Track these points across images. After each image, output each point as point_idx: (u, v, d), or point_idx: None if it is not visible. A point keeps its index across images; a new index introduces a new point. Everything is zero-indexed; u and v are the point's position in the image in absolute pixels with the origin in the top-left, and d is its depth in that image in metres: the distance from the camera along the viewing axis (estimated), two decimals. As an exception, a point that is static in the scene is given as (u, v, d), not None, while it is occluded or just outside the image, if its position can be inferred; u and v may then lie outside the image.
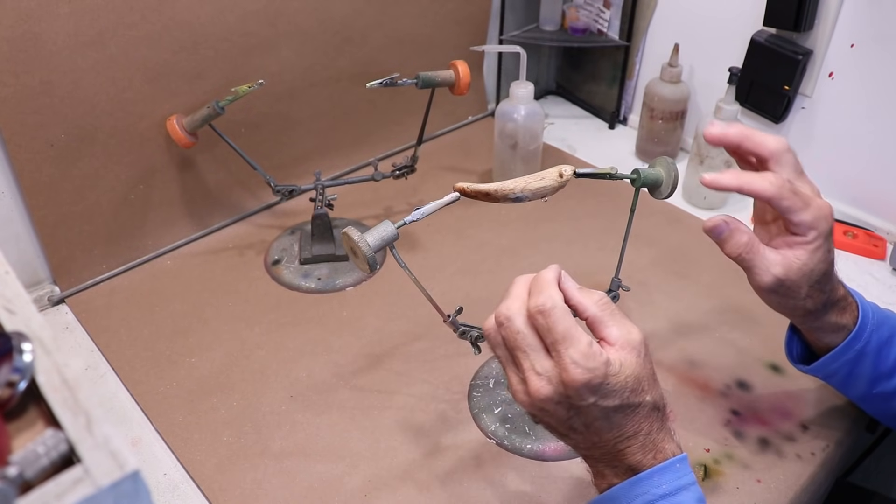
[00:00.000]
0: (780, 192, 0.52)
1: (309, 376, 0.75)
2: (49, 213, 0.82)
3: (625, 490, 0.48)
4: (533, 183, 0.57)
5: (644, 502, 0.47)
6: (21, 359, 0.33)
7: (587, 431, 0.48)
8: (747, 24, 0.97)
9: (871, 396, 0.64)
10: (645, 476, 0.48)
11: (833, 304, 0.58)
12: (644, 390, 0.48)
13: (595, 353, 0.46)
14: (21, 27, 0.72)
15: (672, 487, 0.47)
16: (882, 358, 0.61)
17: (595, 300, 0.50)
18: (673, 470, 0.48)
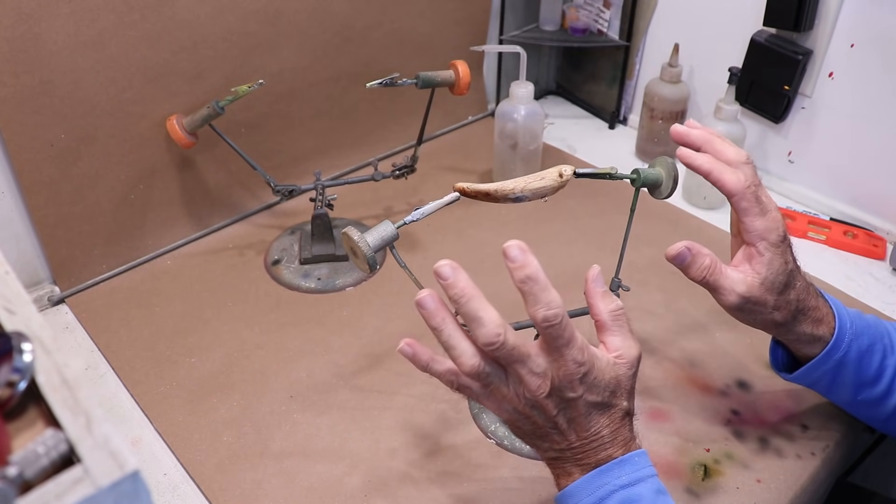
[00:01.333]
0: (743, 192, 0.55)
1: (309, 376, 0.75)
2: (49, 213, 0.82)
3: (586, 482, 0.50)
4: (533, 183, 0.57)
5: (605, 493, 0.49)
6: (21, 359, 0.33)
7: (568, 428, 0.50)
8: (747, 24, 0.97)
9: (856, 403, 0.64)
10: (605, 469, 0.50)
11: (804, 314, 0.59)
12: (622, 396, 0.50)
13: (586, 346, 0.48)
14: (21, 27, 0.72)
15: (631, 479, 0.49)
16: (864, 366, 0.61)
17: (611, 309, 0.52)
18: (632, 463, 0.50)
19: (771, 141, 1.04)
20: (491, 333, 0.46)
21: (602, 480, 0.49)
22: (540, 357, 0.48)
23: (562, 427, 0.50)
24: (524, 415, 0.50)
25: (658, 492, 0.50)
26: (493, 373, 0.49)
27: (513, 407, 0.50)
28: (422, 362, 0.52)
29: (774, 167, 1.05)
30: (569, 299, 0.85)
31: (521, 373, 0.48)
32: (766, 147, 1.05)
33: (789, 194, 1.04)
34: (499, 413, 0.51)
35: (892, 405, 0.62)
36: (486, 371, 0.48)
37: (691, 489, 0.64)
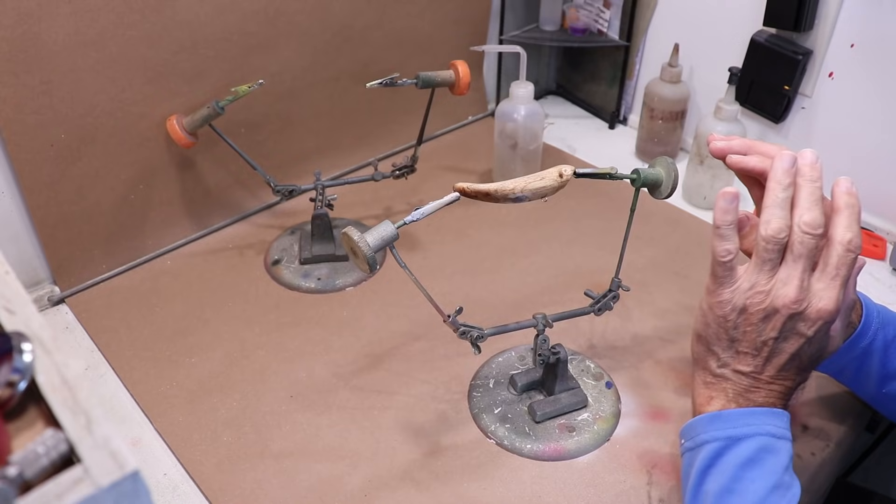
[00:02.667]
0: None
1: (309, 376, 0.75)
2: (49, 213, 0.82)
3: (740, 415, 0.52)
4: (533, 183, 0.57)
5: (752, 431, 0.51)
6: (21, 359, 0.33)
7: (767, 360, 0.52)
8: (747, 24, 0.97)
9: (881, 396, 0.65)
10: (761, 411, 0.52)
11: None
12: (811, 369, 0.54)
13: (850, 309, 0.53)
14: (21, 27, 0.72)
15: (779, 431, 0.52)
16: (889, 356, 0.62)
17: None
18: (783, 418, 0.53)
19: (771, 141, 1.04)
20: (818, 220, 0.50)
21: (753, 420, 0.51)
22: (820, 281, 0.50)
23: (763, 353, 0.52)
24: (749, 319, 0.51)
25: (791, 458, 0.52)
26: (776, 257, 0.51)
27: (747, 302, 0.51)
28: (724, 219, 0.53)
29: (774, 167, 1.05)
30: (569, 299, 0.85)
31: (796, 274, 0.50)
32: (766, 147, 1.05)
33: (789, 194, 1.04)
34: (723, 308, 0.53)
35: None
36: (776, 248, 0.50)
37: (691, 489, 0.64)
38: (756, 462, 0.50)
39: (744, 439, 0.51)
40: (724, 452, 0.51)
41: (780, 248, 0.51)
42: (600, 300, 0.68)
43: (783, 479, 0.50)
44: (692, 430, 0.55)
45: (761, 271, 0.51)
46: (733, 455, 0.51)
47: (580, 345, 0.79)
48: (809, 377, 0.54)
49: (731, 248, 0.52)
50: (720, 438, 0.52)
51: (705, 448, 0.53)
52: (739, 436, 0.51)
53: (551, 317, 0.68)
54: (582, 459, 0.67)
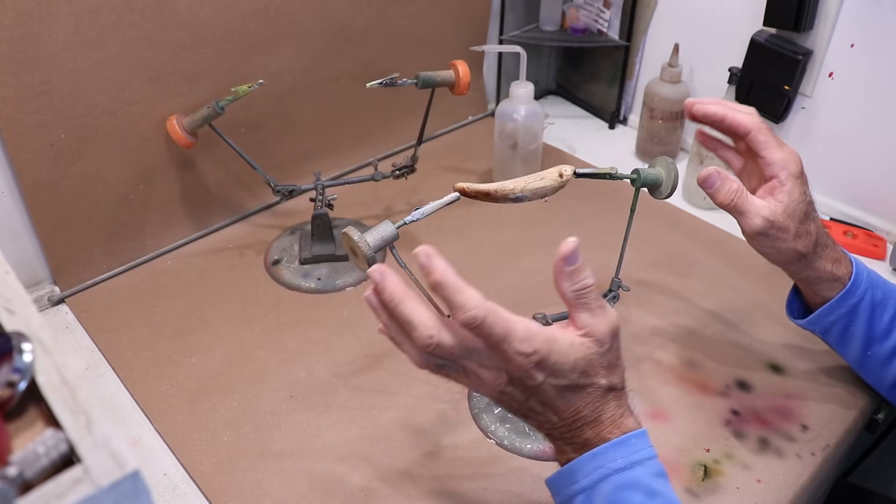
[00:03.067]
0: (759, 126, 0.61)
1: (309, 376, 0.75)
2: (49, 213, 0.82)
3: (582, 464, 0.49)
4: (533, 183, 0.57)
5: (600, 476, 0.48)
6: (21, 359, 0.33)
7: (545, 410, 0.49)
8: (747, 24, 0.97)
9: (865, 359, 0.67)
10: (601, 451, 0.49)
11: (823, 248, 0.63)
12: (597, 374, 0.48)
13: (533, 335, 0.46)
14: (21, 27, 0.72)
15: (627, 462, 0.48)
16: (876, 318, 0.64)
17: (575, 288, 0.49)
18: (629, 445, 0.49)
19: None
20: (423, 337, 0.46)
21: (597, 463, 0.49)
22: (488, 352, 0.47)
23: (537, 409, 0.49)
24: (499, 399, 0.50)
25: (656, 475, 0.49)
26: (448, 366, 0.48)
27: (486, 392, 0.49)
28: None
29: (774, 167, 1.05)
30: (569, 299, 0.85)
31: (471, 368, 0.48)
32: (766, 147, 1.05)
33: (789, 194, 1.04)
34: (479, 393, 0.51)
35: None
36: (439, 364, 0.48)
37: (691, 489, 0.64)
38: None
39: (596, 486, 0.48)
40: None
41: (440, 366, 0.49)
42: (600, 300, 0.68)
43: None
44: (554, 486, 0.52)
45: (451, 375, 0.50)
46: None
47: (580, 345, 0.79)
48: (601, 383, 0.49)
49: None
50: (578, 492, 0.49)
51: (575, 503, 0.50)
52: (591, 484, 0.48)
53: (551, 317, 0.68)
54: (582, 459, 0.67)
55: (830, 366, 0.75)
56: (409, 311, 0.47)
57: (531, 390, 0.48)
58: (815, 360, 0.76)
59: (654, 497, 0.48)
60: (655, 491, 0.48)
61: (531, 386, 0.47)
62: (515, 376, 0.47)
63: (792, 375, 0.75)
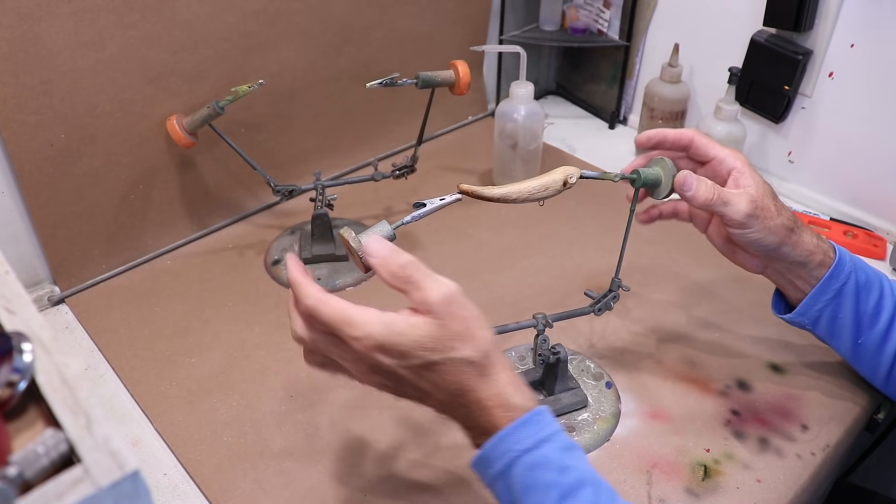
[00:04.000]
0: (697, 132, 0.65)
1: (309, 376, 0.75)
2: (49, 213, 0.82)
3: (491, 449, 0.49)
4: (537, 193, 0.57)
5: (509, 459, 0.48)
6: (21, 359, 0.33)
7: (422, 394, 0.50)
8: (747, 24, 0.97)
9: (858, 348, 0.67)
10: (505, 433, 0.48)
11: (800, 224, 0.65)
12: (449, 347, 0.47)
13: (365, 321, 0.47)
14: (21, 27, 0.72)
15: (534, 441, 0.48)
16: (861, 302, 0.65)
17: (392, 272, 0.49)
18: (533, 423, 0.48)
19: (771, 141, 1.04)
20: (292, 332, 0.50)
21: (504, 447, 0.48)
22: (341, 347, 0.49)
23: (415, 395, 0.50)
24: (380, 388, 0.51)
25: (565, 449, 0.48)
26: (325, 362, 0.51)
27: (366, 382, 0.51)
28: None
29: (774, 167, 1.05)
30: (569, 299, 0.85)
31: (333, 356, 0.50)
32: (766, 147, 1.05)
33: (789, 194, 1.04)
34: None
35: (891, 353, 0.66)
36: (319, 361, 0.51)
37: (691, 489, 0.64)
38: (532, 487, 0.47)
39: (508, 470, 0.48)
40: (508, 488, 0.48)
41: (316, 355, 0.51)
42: (600, 300, 0.68)
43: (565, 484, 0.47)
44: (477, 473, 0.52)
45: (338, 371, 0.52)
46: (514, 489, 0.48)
47: (580, 345, 0.79)
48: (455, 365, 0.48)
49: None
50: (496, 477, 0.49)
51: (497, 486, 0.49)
52: (504, 468, 0.48)
53: (551, 317, 0.68)
54: (582, 459, 0.67)
55: (831, 366, 0.75)
56: (289, 308, 0.50)
57: (390, 375, 0.49)
58: (815, 360, 0.76)
59: (566, 472, 0.48)
60: (566, 466, 0.48)
61: (387, 371, 0.48)
62: (369, 364, 0.48)
63: (792, 375, 0.75)
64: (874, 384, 0.70)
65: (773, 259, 0.65)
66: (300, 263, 0.51)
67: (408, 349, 0.47)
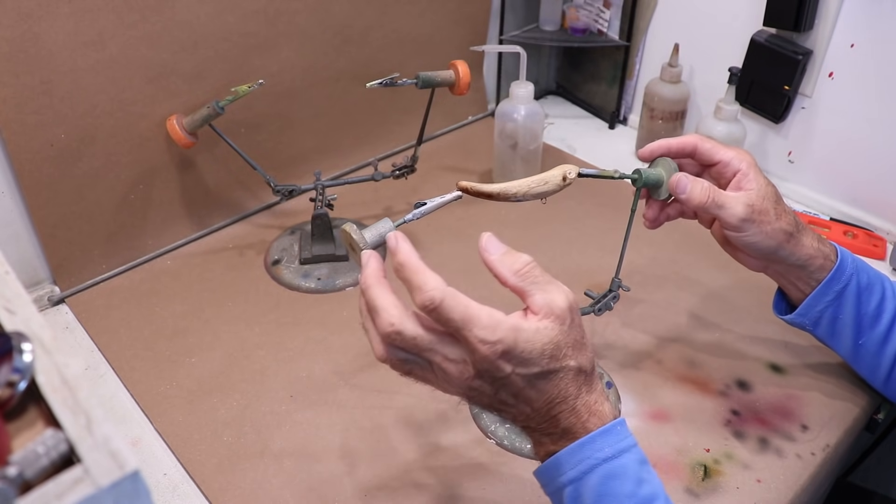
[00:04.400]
0: (699, 139, 0.64)
1: (309, 376, 0.75)
2: (49, 213, 0.82)
3: (567, 455, 0.48)
4: (536, 188, 0.57)
5: (587, 466, 0.47)
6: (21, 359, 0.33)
7: (518, 402, 0.48)
8: (747, 24, 0.97)
9: (858, 349, 0.67)
10: (586, 441, 0.48)
11: (803, 227, 0.64)
12: (566, 356, 0.47)
13: (497, 323, 0.45)
14: (21, 27, 0.72)
15: (614, 450, 0.48)
16: (863, 303, 0.65)
17: (515, 270, 0.49)
18: (614, 433, 0.48)
19: (771, 141, 1.04)
20: (384, 323, 0.45)
21: (583, 454, 0.48)
22: (453, 343, 0.46)
23: (509, 402, 0.48)
24: (468, 396, 0.48)
25: (642, 462, 0.49)
26: (411, 359, 0.47)
27: (454, 389, 0.48)
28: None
29: (774, 167, 1.05)
30: (569, 299, 0.84)
31: (436, 361, 0.46)
32: (766, 147, 1.05)
33: (789, 194, 1.04)
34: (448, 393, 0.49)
35: (891, 355, 0.66)
36: (402, 357, 0.47)
37: (691, 489, 0.64)
38: (607, 496, 0.47)
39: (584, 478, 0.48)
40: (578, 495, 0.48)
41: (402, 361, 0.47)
42: (600, 300, 0.68)
43: (641, 496, 0.47)
44: (540, 479, 0.52)
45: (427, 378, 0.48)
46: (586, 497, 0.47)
47: (580, 345, 0.79)
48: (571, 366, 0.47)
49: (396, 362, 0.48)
50: (566, 484, 0.48)
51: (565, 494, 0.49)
52: (579, 475, 0.48)
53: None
54: (582, 459, 0.67)
55: (831, 366, 0.75)
56: (376, 296, 0.46)
57: (500, 382, 0.46)
58: (815, 361, 0.76)
59: (642, 485, 0.48)
60: (642, 479, 0.48)
61: (499, 378, 0.46)
62: (482, 368, 0.45)
63: (792, 375, 0.75)
64: (874, 385, 0.70)
65: (771, 261, 0.65)
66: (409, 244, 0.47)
67: (531, 357, 0.45)
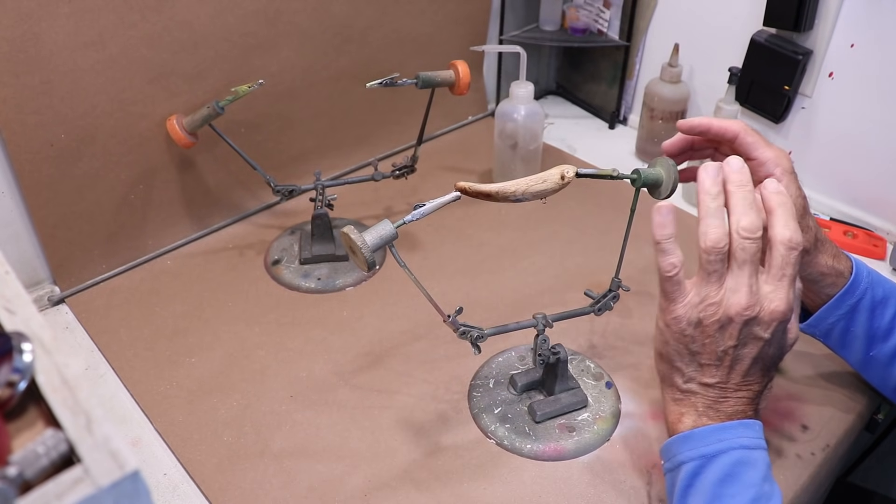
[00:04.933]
0: (746, 129, 0.62)
1: (309, 376, 0.75)
2: (49, 213, 0.82)
3: (710, 432, 0.52)
4: (534, 186, 0.57)
5: (725, 447, 0.51)
6: (21, 359, 0.33)
7: (730, 368, 0.52)
8: (747, 24, 0.97)
9: (869, 360, 0.67)
10: (731, 425, 0.52)
11: (823, 244, 0.64)
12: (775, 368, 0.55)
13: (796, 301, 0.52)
14: (21, 27, 0.72)
15: (755, 443, 0.52)
16: (877, 316, 0.64)
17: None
18: (756, 428, 0.53)
19: (771, 141, 1.04)
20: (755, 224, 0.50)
21: (725, 434, 0.51)
22: (767, 283, 0.50)
23: (726, 362, 0.52)
24: (705, 331, 0.51)
25: (769, 467, 0.52)
26: (721, 266, 0.51)
27: (700, 315, 0.51)
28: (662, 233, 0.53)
29: (774, 167, 1.05)
30: (569, 299, 0.85)
31: (743, 281, 0.50)
32: (766, 147, 1.05)
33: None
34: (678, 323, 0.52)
35: None
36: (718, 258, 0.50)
37: (691, 489, 0.64)
38: (733, 477, 0.50)
39: (718, 455, 0.51)
40: (700, 471, 0.51)
41: (723, 258, 0.51)
42: (600, 300, 0.68)
43: (762, 490, 0.50)
44: (669, 451, 0.55)
45: (709, 283, 0.51)
46: (710, 473, 0.51)
47: (580, 345, 0.79)
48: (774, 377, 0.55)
49: (675, 262, 0.52)
50: (695, 458, 0.51)
51: (683, 469, 0.52)
52: (714, 453, 0.51)
53: (551, 317, 0.68)
54: (582, 459, 0.67)
55: (831, 366, 0.75)
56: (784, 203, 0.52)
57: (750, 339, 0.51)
58: (816, 361, 0.76)
59: (766, 482, 0.51)
60: (768, 477, 0.51)
61: (756, 336, 0.51)
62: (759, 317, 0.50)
63: (792, 376, 0.75)
64: (884, 394, 0.70)
65: None
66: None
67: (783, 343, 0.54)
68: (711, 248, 0.50)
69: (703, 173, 0.52)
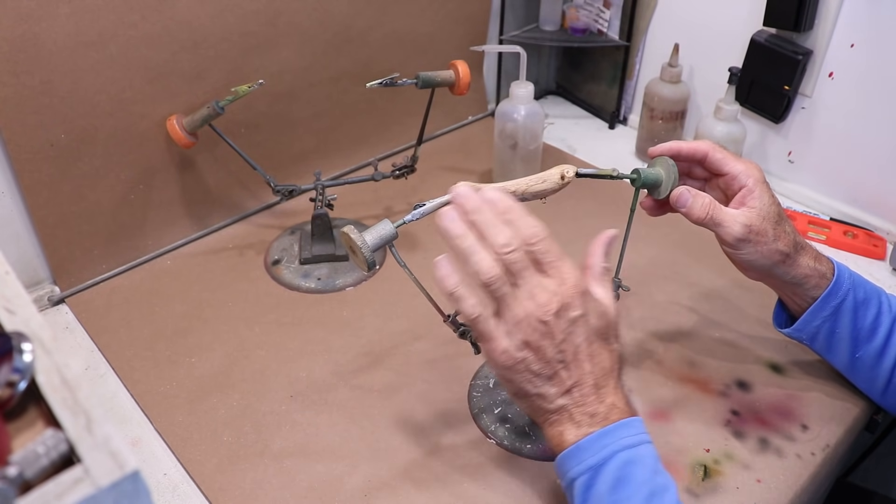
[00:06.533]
0: (713, 146, 0.64)
1: (309, 376, 0.75)
2: (49, 213, 0.82)
3: (589, 442, 0.51)
4: (534, 186, 0.57)
5: (609, 452, 0.51)
6: (21, 359, 0.33)
7: (573, 360, 0.52)
8: (747, 24, 0.97)
9: (855, 362, 0.67)
10: (611, 429, 0.51)
11: (802, 247, 0.64)
12: (618, 336, 0.55)
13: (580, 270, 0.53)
14: (21, 27, 0.72)
15: (636, 440, 0.52)
16: (859, 318, 0.65)
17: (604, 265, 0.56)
18: (634, 426, 0.52)
19: (771, 141, 1.04)
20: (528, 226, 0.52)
21: (607, 440, 0.51)
22: (547, 278, 0.51)
23: (568, 358, 0.52)
24: (532, 345, 0.51)
25: (657, 458, 0.52)
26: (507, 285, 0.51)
27: (521, 336, 0.51)
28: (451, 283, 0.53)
29: (774, 167, 1.05)
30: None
31: (532, 283, 0.51)
32: (766, 147, 1.05)
33: (789, 194, 1.04)
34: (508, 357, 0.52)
35: (888, 367, 0.66)
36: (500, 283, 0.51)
37: (691, 489, 0.64)
38: (624, 480, 0.50)
39: (605, 463, 0.50)
40: (592, 483, 0.51)
41: (503, 280, 0.51)
42: (600, 300, 0.68)
43: (656, 484, 0.50)
44: (560, 469, 0.54)
45: (508, 306, 0.52)
46: (601, 483, 0.50)
47: (580, 345, 0.79)
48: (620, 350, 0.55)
49: (474, 303, 0.52)
50: (584, 471, 0.51)
51: (575, 485, 0.52)
52: (600, 461, 0.50)
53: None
54: (582, 459, 0.67)
55: (830, 366, 0.75)
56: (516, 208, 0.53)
57: (572, 323, 0.51)
58: (816, 361, 0.76)
59: (657, 475, 0.51)
60: (658, 470, 0.51)
61: (574, 317, 0.51)
62: (565, 302, 0.51)
63: (792, 375, 0.75)
64: (871, 397, 0.71)
65: (766, 276, 0.66)
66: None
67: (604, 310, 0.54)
68: (489, 279, 0.51)
69: (442, 224, 0.52)
